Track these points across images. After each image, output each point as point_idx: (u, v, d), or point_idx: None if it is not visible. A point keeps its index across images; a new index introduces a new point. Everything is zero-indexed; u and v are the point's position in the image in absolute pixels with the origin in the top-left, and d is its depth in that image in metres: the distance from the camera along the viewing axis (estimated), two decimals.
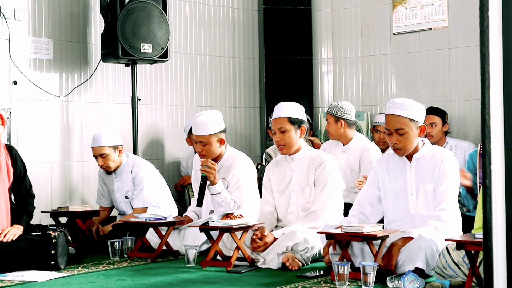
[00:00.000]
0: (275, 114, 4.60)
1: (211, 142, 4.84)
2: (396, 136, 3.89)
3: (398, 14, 6.83)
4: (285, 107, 4.60)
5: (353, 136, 5.62)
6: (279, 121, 4.54)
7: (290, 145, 4.55)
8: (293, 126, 4.53)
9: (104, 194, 5.56)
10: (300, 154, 4.59)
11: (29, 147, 5.65)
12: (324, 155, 4.58)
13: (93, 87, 6.13)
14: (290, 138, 4.53)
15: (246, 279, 3.94)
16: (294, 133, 4.53)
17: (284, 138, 4.53)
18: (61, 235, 4.34)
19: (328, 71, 7.24)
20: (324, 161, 4.51)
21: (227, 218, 4.27)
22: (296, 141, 4.56)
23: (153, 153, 6.52)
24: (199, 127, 4.83)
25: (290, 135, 4.53)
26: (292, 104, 4.65)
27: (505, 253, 1.86)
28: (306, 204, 4.54)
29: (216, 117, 4.88)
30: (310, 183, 4.53)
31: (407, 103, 3.90)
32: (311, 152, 4.62)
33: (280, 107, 4.61)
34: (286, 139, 4.53)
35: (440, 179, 3.89)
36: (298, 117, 4.56)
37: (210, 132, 4.83)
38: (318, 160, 4.53)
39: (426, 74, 6.70)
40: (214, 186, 4.82)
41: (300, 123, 4.55)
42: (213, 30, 6.97)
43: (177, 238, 4.92)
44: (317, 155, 4.58)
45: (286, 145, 4.55)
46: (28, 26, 5.74)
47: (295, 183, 4.59)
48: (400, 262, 3.74)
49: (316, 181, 4.51)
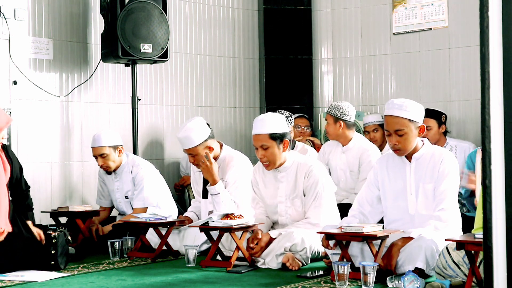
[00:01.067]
0: (254, 130, 4.47)
1: (200, 153, 4.83)
2: (395, 136, 3.89)
3: (398, 14, 6.83)
4: (265, 122, 4.45)
5: (353, 137, 5.61)
6: (260, 137, 4.43)
7: (274, 161, 4.46)
8: (275, 141, 4.42)
9: (104, 194, 5.56)
10: (286, 165, 4.51)
11: (29, 147, 5.65)
12: (310, 162, 4.51)
13: (93, 87, 6.13)
14: (274, 155, 4.44)
15: (246, 279, 3.94)
16: (276, 149, 4.43)
17: (267, 155, 4.44)
18: (61, 235, 4.34)
19: (328, 71, 7.24)
20: (312, 170, 4.43)
21: (227, 218, 4.27)
22: (280, 156, 4.46)
23: (153, 153, 6.52)
24: (184, 141, 4.82)
25: (273, 152, 4.43)
26: (272, 117, 4.50)
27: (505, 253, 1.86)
28: (297, 216, 4.50)
29: (198, 127, 4.80)
30: (299, 194, 4.48)
31: (406, 104, 3.89)
32: (297, 161, 4.52)
33: (260, 122, 4.47)
34: (269, 156, 4.44)
35: (440, 179, 3.89)
36: (279, 131, 4.42)
37: (196, 143, 4.80)
38: (305, 168, 4.46)
39: (426, 74, 6.69)
40: (213, 187, 4.82)
41: (282, 137, 4.43)
42: (213, 30, 6.97)
43: (177, 238, 4.92)
44: (303, 162, 4.49)
45: (271, 162, 4.46)
46: (28, 26, 5.74)
47: (282, 194, 4.54)
48: (400, 262, 3.74)
49: (306, 190, 4.46)
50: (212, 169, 4.79)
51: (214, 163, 4.81)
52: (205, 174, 4.82)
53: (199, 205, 5.17)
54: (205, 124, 4.90)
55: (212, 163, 4.79)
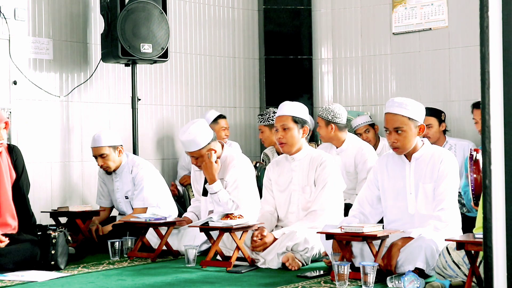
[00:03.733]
0: (279, 111, 4.61)
1: (203, 155, 4.84)
2: (394, 134, 3.89)
3: (398, 14, 6.83)
4: (290, 105, 4.61)
5: (345, 138, 5.58)
6: (282, 118, 4.55)
7: (292, 143, 4.55)
8: (297, 125, 4.54)
9: (104, 194, 5.56)
10: (301, 154, 4.59)
11: (29, 147, 5.65)
12: (324, 155, 4.58)
13: (93, 87, 6.13)
14: (292, 137, 4.54)
15: (246, 279, 3.94)
16: (296, 132, 4.54)
17: (286, 136, 4.54)
18: (61, 235, 4.34)
19: (328, 71, 7.24)
20: (325, 161, 4.52)
21: (227, 218, 4.27)
22: (298, 141, 4.56)
23: (153, 153, 6.52)
24: (187, 144, 4.82)
25: (292, 134, 4.53)
26: (297, 103, 4.66)
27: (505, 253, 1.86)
28: (306, 204, 4.54)
29: (202, 131, 4.80)
30: (310, 183, 4.54)
31: (406, 102, 3.90)
32: (311, 152, 4.62)
33: (285, 105, 4.62)
34: (288, 138, 4.54)
35: (440, 179, 3.89)
36: (302, 116, 4.57)
37: (200, 147, 4.81)
38: (318, 159, 4.53)
39: (426, 74, 6.70)
40: (211, 186, 4.83)
41: (303, 123, 4.56)
42: (213, 30, 6.97)
43: (177, 238, 4.92)
44: (317, 155, 4.58)
45: (288, 144, 4.55)
46: (28, 26, 5.74)
47: (296, 183, 4.59)
48: (400, 262, 3.74)
49: (316, 181, 4.51)
50: (211, 168, 4.80)
51: (215, 163, 4.82)
52: (204, 172, 4.85)
53: (199, 205, 5.17)
54: (208, 126, 4.90)
55: (212, 162, 4.80)
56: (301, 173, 4.57)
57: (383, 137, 6.45)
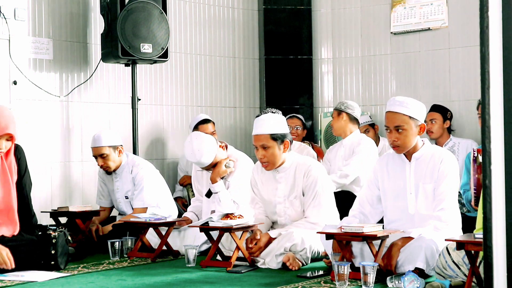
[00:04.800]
0: (255, 130, 4.46)
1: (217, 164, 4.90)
2: (395, 133, 3.89)
3: (397, 14, 6.83)
4: (266, 122, 4.44)
5: (354, 131, 5.68)
6: (261, 138, 4.41)
7: (274, 162, 4.45)
8: (276, 142, 4.41)
9: (104, 194, 5.56)
10: (285, 165, 4.50)
11: (29, 147, 5.64)
12: (308, 161, 4.50)
13: (93, 87, 6.13)
14: (274, 155, 4.42)
15: (246, 279, 3.94)
16: (277, 150, 4.42)
17: (267, 155, 4.42)
18: (61, 235, 4.34)
19: (328, 71, 7.24)
20: (311, 169, 4.43)
21: (227, 218, 4.27)
22: (280, 157, 4.45)
23: (153, 153, 6.52)
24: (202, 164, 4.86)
25: (273, 152, 4.42)
26: (273, 117, 4.47)
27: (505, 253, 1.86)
28: (296, 216, 4.50)
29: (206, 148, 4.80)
30: (299, 194, 4.47)
31: (407, 101, 3.91)
32: (296, 161, 4.51)
33: (261, 122, 4.45)
34: (270, 157, 4.42)
35: (440, 179, 3.89)
36: (280, 132, 4.42)
37: (210, 161, 4.85)
38: (304, 168, 4.45)
39: (426, 74, 6.70)
40: (213, 185, 4.84)
41: (283, 138, 4.42)
42: (213, 30, 6.97)
43: (177, 238, 4.92)
44: (302, 162, 4.48)
45: (270, 162, 4.45)
46: (28, 26, 5.74)
47: (281, 194, 4.53)
48: (400, 262, 3.74)
49: (305, 190, 4.45)
50: (219, 170, 4.84)
51: (224, 166, 4.86)
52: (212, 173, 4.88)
53: (199, 205, 5.18)
54: (210, 139, 4.88)
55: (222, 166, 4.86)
56: (287, 184, 4.50)
57: (383, 137, 6.46)
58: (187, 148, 4.84)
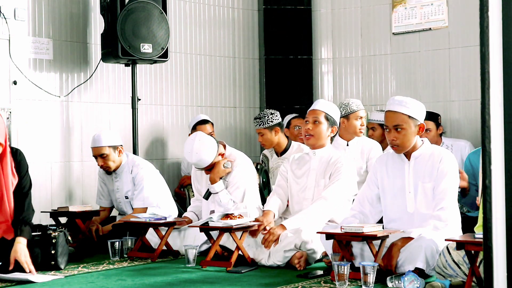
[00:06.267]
0: (314, 105, 4.69)
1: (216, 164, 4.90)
2: (394, 132, 3.89)
3: (398, 14, 6.83)
4: (326, 103, 4.72)
5: None
6: (316, 112, 4.63)
7: (319, 137, 4.60)
8: (327, 122, 4.61)
9: (104, 194, 5.56)
10: (323, 151, 4.63)
11: (29, 147, 5.64)
12: (342, 157, 4.61)
13: (93, 87, 6.13)
14: (320, 132, 4.60)
15: (246, 279, 3.94)
16: (325, 129, 4.61)
17: (315, 129, 4.59)
18: (61, 235, 4.34)
19: (328, 71, 7.24)
20: (341, 161, 4.56)
21: (227, 218, 4.28)
22: (324, 137, 4.62)
23: (153, 153, 6.52)
24: (198, 164, 4.86)
25: (321, 129, 4.60)
26: (332, 104, 4.77)
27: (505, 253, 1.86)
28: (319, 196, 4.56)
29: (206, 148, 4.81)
30: (326, 178, 4.58)
31: (406, 100, 3.91)
32: (333, 153, 4.64)
33: (321, 101, 4.74)
34: (317, 131, 4.59)
35: (439, 178, 3.88)
36: (334, 116, 4.65)
37: (210, 161, 4.86)
38: (335, 158, 4.58)
39: (426, 74, 6.70)
40: (213, 186, 4.84)
41: (333, 123, 4.64)
42: (213, 30, 6.97)
43: (177, 238, 4.92)
44: (337, 156, 4.61)
45: (314, 136, 4.60)
46: (28, 26, 5.74)
47: (312, 179, 4.62)
48: (400, 262, 3.74)
49: (332, 176, 4.55)
50: (218, 170, 4.84)
51: (222, 166, 4.86)
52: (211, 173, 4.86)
53: (199, 205, 5.18)
54: (210, 140, 4.89)
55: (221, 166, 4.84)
56: (319, 171, 4.60)
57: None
58: (187, 147, 4.85)
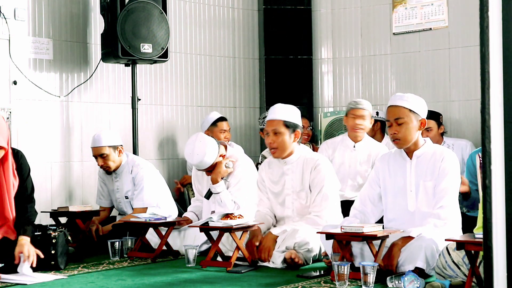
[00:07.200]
0: (270, 115, 4.53)
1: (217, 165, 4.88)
2: (395, 126, 3.91)
3: (398, 14, 6.83)
4: (282, 109, 4.52)
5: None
6: (274, 123, 4.48)
7: (283, 148, 4.49)
8: (288, 129, 4.47)
9: (104, 194, 5.56)
10: (293, 157, 4.54)
11: (29, 147, 5.64)
12: (317, 157, 4.53)
13: (93, 87, 6.13)
14: (284, 142, 4.47)
15: (246, 279, 3.94)
16: (288, 137, 4.47)
17: (277, 141, 4.47)
18: (61, 235, 4.34)
19: (328, 71, 7.24)
20: (319, 164, 4.46)
21: (227, 218, 4.27)
22: (289, 145, 4.49)
23: (153, 153, 6.52)
24: (200, 165, 4.84)
25: (283, 139, 4.47)
26: (289, 107, 4.57)
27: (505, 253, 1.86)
28: (302, 209, 4.51)
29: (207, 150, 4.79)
30: (305, 188, 4.49)
31: (407, 95, 3.96)
32: (304, 154, 4.56)
33: (276, 109, 4.54)
34: (280, 142, 4.47)
35: (440, 177, 3.89)
36: (293, 121, 4.49)
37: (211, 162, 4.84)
38: (312, 162, 4.48)
39: (426, 74, 6.70)
40: (214, 186, 4.84)
41: (295, 127, 4.49)
42: (213, 30, 6.97)
43: (177, 238, 4.92)
44: (310, 157, 4.52)
45: (279, 149, 4.49)
46: (28, 26, 5.74)
47: (289, 186, 4.55)
48: (400, 262, 3.74)
49: (312, 185, 4.47)
50: (219, 171, 4.84)
51: (224, 166, 4.86)
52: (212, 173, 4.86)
53: (199, 205, 5.18)
54: (211, 141, 4.87)
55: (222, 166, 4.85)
56: (294, 177, 4.53)
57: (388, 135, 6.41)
58: (188, 149, 4.84)
